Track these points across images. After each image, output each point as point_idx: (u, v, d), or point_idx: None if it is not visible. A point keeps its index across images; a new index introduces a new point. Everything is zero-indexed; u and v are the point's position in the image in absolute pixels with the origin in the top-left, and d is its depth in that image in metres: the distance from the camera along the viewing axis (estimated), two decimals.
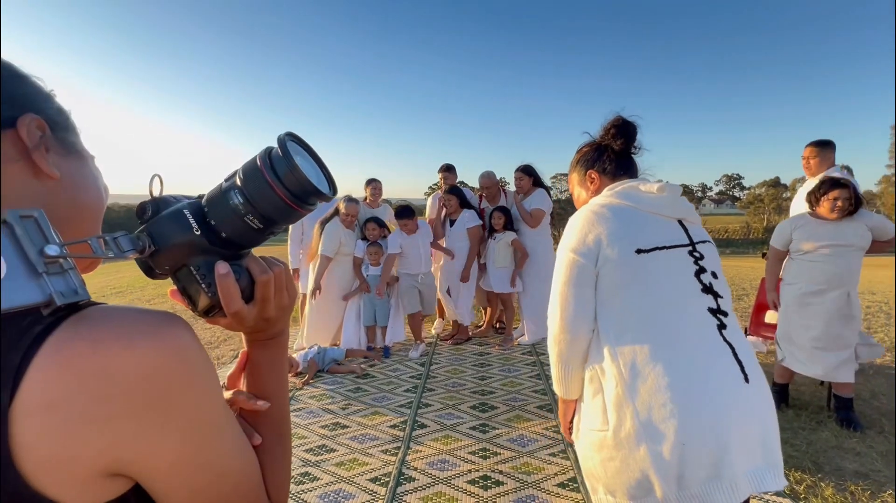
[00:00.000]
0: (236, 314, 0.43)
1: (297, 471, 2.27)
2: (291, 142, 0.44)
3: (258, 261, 0.45)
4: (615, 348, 1.04)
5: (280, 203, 0.42)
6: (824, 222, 2.54)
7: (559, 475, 2.15)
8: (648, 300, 1.05)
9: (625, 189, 1.18)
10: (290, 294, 0.48)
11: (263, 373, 0.50)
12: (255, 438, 0.48)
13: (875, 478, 2.07)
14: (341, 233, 3.81)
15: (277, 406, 0.51)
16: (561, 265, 1.15)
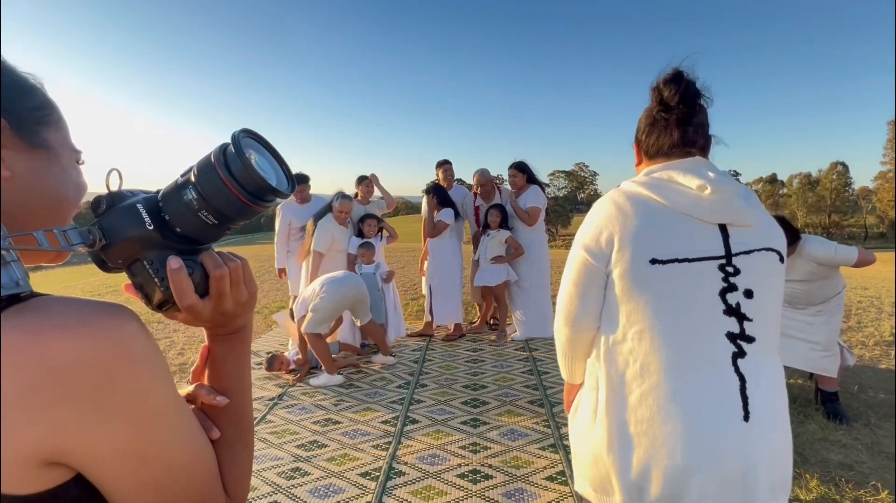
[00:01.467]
0: (190, 308, 0.43)
1: (287, 466, 2.28)
2: (247, 138, 0.44)
3: (213, 256, 0.45)
4: (612, 353, 1.00)
5: (234, 200, 0.42)
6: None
7: (548, 468, 2.17)
8: (655, 315, 0.95)
9: (659, 178, 1.00)
10: (249, 289, 0.48)
11: (224, 368, 0.51)
12: (213, 432, 0.48)
13: (859, 470, 2.09)
14: (334, 229, 3.82)
15: (237, 401, 0.51)
16: (571, 260, 1.06)
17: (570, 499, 1.93)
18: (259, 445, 2.49)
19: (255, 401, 3.07)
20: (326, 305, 3.29)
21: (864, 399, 2.80)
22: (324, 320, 3.33)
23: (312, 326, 3.27)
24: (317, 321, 3.27)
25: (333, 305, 3.33)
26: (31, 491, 0.34)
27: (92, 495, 0.38)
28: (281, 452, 2.41)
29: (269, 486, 2.11)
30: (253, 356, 3.98)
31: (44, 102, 0.45)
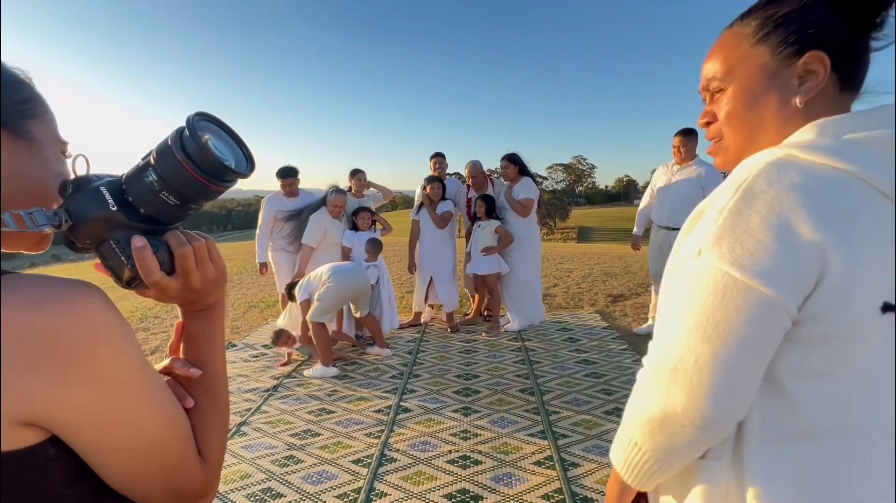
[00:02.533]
0: (156, 284, 0.46)
1: (281, 454, 2.33)
2: (203, 121, 0.46)
3: (178, 235, 0.48)
4: (767, 468, 0.56)
5: (192, 180, 0.44)
6: None
7: (536, 454, 2.22)
8: (860, 405, 0.54)
9: (868, 143, 0.52)
10: (217, 267, 0.51)
11: (197, 342, 0.54)
12: (187, 401, 0.51)
13: None
14: (326, 223, 3.84)
15: (210, 372, 0.54)
16: (719, 297, 0.52)
17: (557, 482, 1.98)
18: (253, 435, 2.53)
19: (251, 393, 3.11)
20: (332, 295, 3.32)
21: None
22: (329, 310, 3.37)
23: (318, 315, 3.31)
24: (322, 310, 3.31)
25: (339, 295, 3.37)
26: (9, 448, 0.37)
27: (68, 454, 0.41)
28: (275, 441, 2.46)
29: (263, 474, 2.16)
30: (248, 349, 4.03)
31: (30, 96, 0.48)
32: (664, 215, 3.70)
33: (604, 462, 2.12)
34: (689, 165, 3.61)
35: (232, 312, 5.46)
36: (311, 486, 2.05)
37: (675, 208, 3.63)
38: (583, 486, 1.95)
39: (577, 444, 2.28)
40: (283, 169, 4.10)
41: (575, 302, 5.12)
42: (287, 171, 4.08)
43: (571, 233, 49.12)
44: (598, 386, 2.96)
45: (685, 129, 3.63)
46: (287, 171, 4.08)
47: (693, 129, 3.62)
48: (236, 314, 5.37)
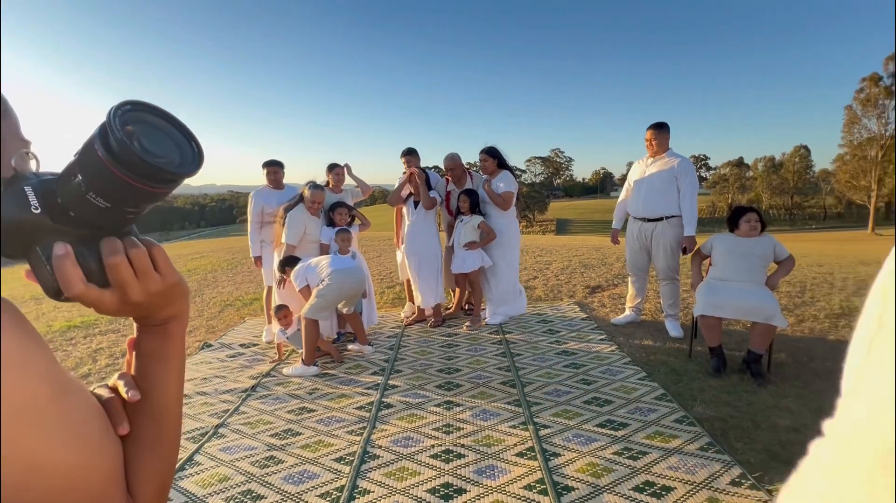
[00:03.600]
0: (80, 298, 0.41)
1: (261, 455, 2.29)
2: (134, 111, 0.39)
3: (112, 242, 0.42)
4: None
5: (121, 182, 0.38)
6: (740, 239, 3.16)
7: (518, 445, 2.25)
8: None
9: None
10: (165, 279, 0.45)
11: (146, 362, 0.48)
12: (121, 427, 0.45)
13: (804, 432, 2.24)
14: (306, 219, 3.77)
15: (158, 397, 0.47)
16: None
17: (539, 472, 2.01)
18: (232, 436, 2.48)
19: (228, 394, 3.05)
20: (332, 293, 3.29)
21: (813, 368, 2.99)
22: (326, 307, 3.34)
23: (314, 312, 3.27)
24: (320, 307, 3.27)
25: (339, 294, 3.34)
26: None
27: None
28: (254, 442, 2.41)
29: (243, 476, 2.12)
30: (225, 348, 3.94)
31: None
32: (639, 207, 3.78)
33: (584, 451, 2.16)
34: (661, 157, 3.68)
35: (207, 311, 5.33)
36: (292, 487, 2.02)
37: (649, 200, 3.71)
38: (564, 475, 1.98)
39: (558, 434, 2.32)
40: (266, 161, 4.14)
41: (554, 294, 5.19)
42: (271, 163, 4.11)
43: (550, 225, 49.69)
44: (577, 376, 3.01)
45: (657, 123, 3.70)
46: (271, 163, 4.11)
47: (663, 123, 3.70)
48: (212, 313, 5.24)
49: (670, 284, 3.74)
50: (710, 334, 3.04)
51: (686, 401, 2.60)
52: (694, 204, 3.59)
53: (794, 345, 3.37)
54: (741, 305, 2.90)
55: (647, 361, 3.20)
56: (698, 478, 1.92)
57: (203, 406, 2.89)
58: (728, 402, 2.56)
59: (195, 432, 2.55)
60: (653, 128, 3.70)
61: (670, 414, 2.46)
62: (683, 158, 3.65)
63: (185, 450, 2.37)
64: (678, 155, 3.66)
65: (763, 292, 2.92)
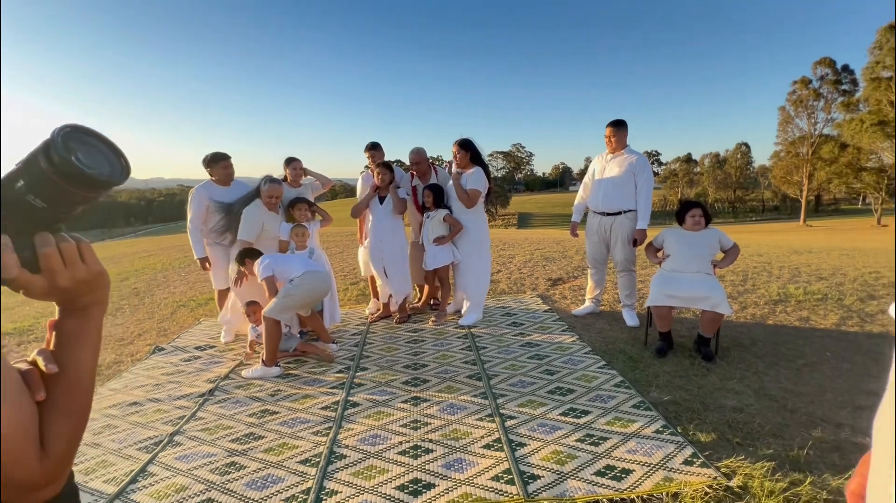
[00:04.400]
0: (14, 281, 0.49)
1: (221, 462, 2.20)
2: (72, 132, 0.49)
3: (44, 236, 0.50)
4: None
5: (60, 188, 0.48)
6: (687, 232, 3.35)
7: (485, 437, 2.28)
8: None
9: None
10: (90, 268, 0.54)
11: (65, 340, 0.56)
12: (38, 394, 0.52)
13: (748, 412, 2.42)
14: (263, 216, 3.63)
15: (74, 372, 0.56)
16: None
17: (506, 462, 2.05)
18: (189, 444, 2.37)
19: (184, 399, 2.90)
20: (301, 294, 3.19)
21: (755, 351, 3.22)
22: (292, 308, 3.23)
23: (278, 311, 3.14)
24: (284, 307, 3.16)
25: (307, 296, 3.25)
26: None
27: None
28: (214, 448, 2.32)
29: (202, 484, 2.03)
30: (179, 352, 3.75)
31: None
32: (599, 202, 3.90)
33: (548, 439, 2.22)
34: (620, 154, 3.81)
35: (158, 313, 5.04)
36: (255, 492, 1.96)
37: (608, 195, 3.83)
38: (530, 465, 2.04)
39: (524, 424, 2.37)
40: (213, 154, 3.76)
41: (518, 286, 5.29)
42: (217, 155, 3.75)
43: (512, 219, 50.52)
44: (541, 367, 3.09)
45: (616, 121, 3.82)
46: (217, 155, 3.75)
47: (622, 121, 3.82)
48: (163, 315, 4.97)
49: (627, 276, 3.89)
50: (661, 322, 3.21)
51: (642, 386, 2.73)
52: (649, 199, 3.74)
53: (738, 331, 3.62)
54: (690, 295, 3.08)
55: (606, 350, 3.33)
56: (654, 460, 2.02)
57: (156, 413, 2.74)
58: (680, 386, 2.72)
59: (148, 442, 2.42)
60: (612, 125, 3.80)
61: (628, 400, 2.57)
62: (640, 155, 3.79)
63: (137, 460, 2.24)
64: (635, 152, 3.80)
65: (711, 282, 3.11)
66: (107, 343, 4.10)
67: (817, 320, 3.79)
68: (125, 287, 6.45)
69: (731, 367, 2.95)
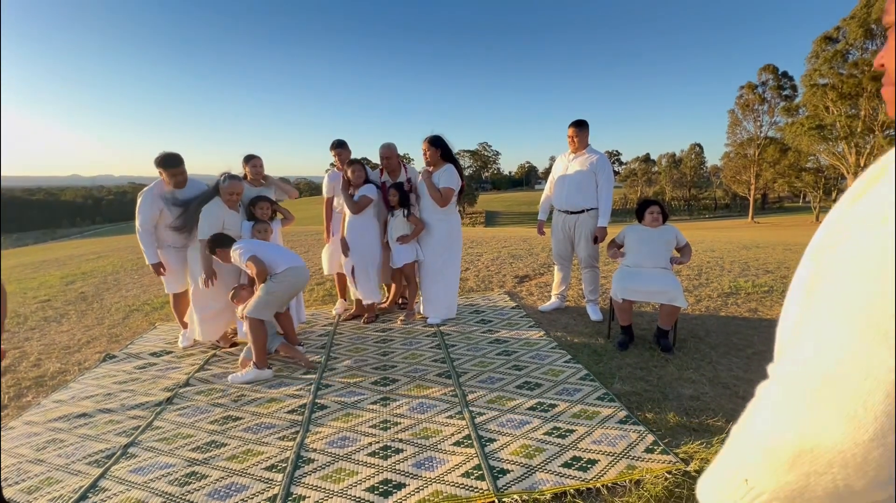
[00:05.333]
0: None
1: (181, 472, 2.10)
2: None
3: None
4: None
5: None
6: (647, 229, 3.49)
7: (455, 434, 2.29)
8: None
9: None
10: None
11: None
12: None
13: (703, 399, 2.55)
14: (224, 214, 3.48)
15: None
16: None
17: (476, 458, 2.07)
18: (145, 455, 2.25)
19: (138, 409, 2.76)
20: (284, 291, 3.09)
21: (709, 341, 3.39)
22: (274, 305, 3.12)
23: (261, 310, 3.02)
24: (267, 304, 3.05)
25: (290, 292, 3.16)
26: None
27: None
28: (172, 459, 2.21)
29: (160, 497, 1.93)
30: (132, 359, 3.55)
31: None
32: (563, 200, 3.99)
33: (517, 434, 2.26)
34: (582, 154, 3.91)
35: (108, 318, 4.75)
36: (218, 502, 1.88)
37: (571, 193, 3.93)
38: (499, 460, 2.06)
39: (493, 420, 2.40)
40: (166, 156, 3.46)
41: (485, 284, 5.34)
42: (172, 159, 3.48)
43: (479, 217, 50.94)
44: (509, 363, 3.14)
45: (577, 121, 3.92)
46: (172, 159, 3.48)
47: (584, 121, 3.93)
48: (115, 320, 4.69)
49: (591, 272, 4.01)
50: (622, 315, 3.33)
51: (606, 379, 2.83)
52: (609, 198, 3.86)
53: (693, 323, 3.80)
54: (649, 289, 3.21)
55: (571, 345, 3.42)
56: (618, 449, 2.09)
57: (108, 425, 2.59)
58: (641, 377, 2.83)
59: (99, 455, 2.28)
60: (574, 125, 3.90)
61: (593, 392, 2.65)
62: (601, 155, 3.90)
63: (87, 475, 2.10)
64: (596, 151, 3.91)
65: (668, 277, 3.25)
66: (50, 351, 3.83)
67: (764, 311, 4.04)
68: (71, 291, 6.04)
69: (688, 358, 3.10)
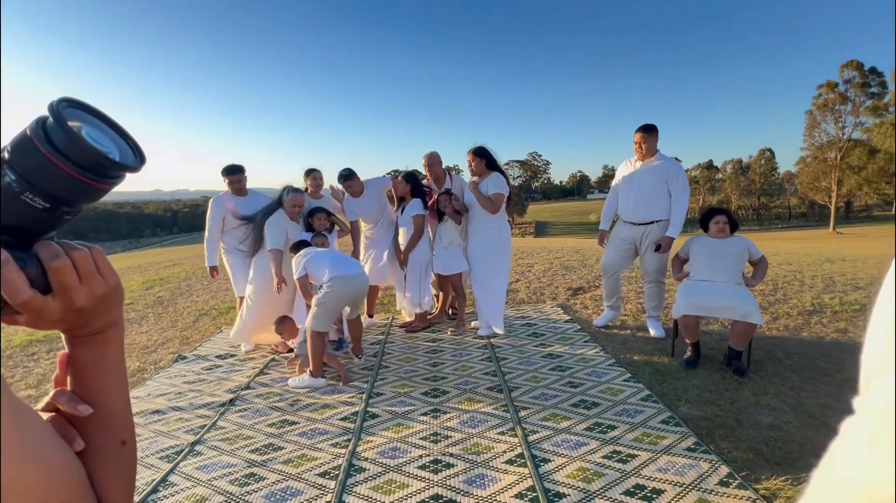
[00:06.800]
0: (27, 306, 0.38)
1: (241, 472, 2.18)
2: (70, 108, 0.38)
3: (50, 245, 0.39)
4: None
5: (65, 177, 0.37)
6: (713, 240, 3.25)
7: (507, 452, 2.21)
8: None
9: None
10: (107, 281, 0.43)
11: (86, 373, 0.45)
12: (76, 443, 0.43)
13: (786, 429, 2.29)
14: (287, 225, 3.66)
15: (107, 408, 0.46)
16: None
17: (529, 479, 1.98)
18: (209, 454, 2.37)
19: (205, 408, 2.92)
20: (332, 301, 3.16)
21: (790, 364, 3.07)
22: (329, 315, 3.21)
23: (318, 323, 3.15)
24: (322, 317, 3.15)
25: (339, 301, 3.21)
26: None
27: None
28: (233, 459, 2.31)
29: (222, 496, 2.02)
30: (201, 360, 3.78)
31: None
32: (629, 211, 3.72)
33: (573, 455, 2.14)
34: (651, 161, 3.64)
35: (181, 321, 5.12)
36: None
37: (640, 204, 3.65)
38: (555, 482, 1.96)
39: (547, 440, 2.30)
40: (228, 166, 3.88)
41: (537, 296, 5.20)
42: (233, 168, 3.86)
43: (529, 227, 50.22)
44: (563, 379, 3.01)
45: (645, 126, 3.65)
46: (233, 168, 3.86)
47: (653, 125, 3.66)
48: (186, 323, 5.04)
49: (656, 287, 3.73)
50: (688, 332, 3.10)
51: (671, 401, 2.63)
52: (684, 208, 3.54)
53: (770, 343, 3.46)
54: (719, 304, 2.96)
55: (631, 362, 3.23)
56: (687, 480, 1.92)
57: (178, 422, 2.76)
58: (711, 401, 2.60)
59: (170, 450, 2.43)
60: (641, 130, 3.63)
61: (657, 415, 2.47)
62: (674, 161, 3.62)
63: (158, 470, 2.24)
64: (668, 158, 3.63)
65: (740, 290, 2.99)
66: (131, 351, 4.18)
67: (857, 332, 3.61)
68: (150, 296, 6.59)
69: (766, 382, 2.81)
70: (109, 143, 0.40)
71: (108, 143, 0.39)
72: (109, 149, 0.39)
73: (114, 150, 0.39)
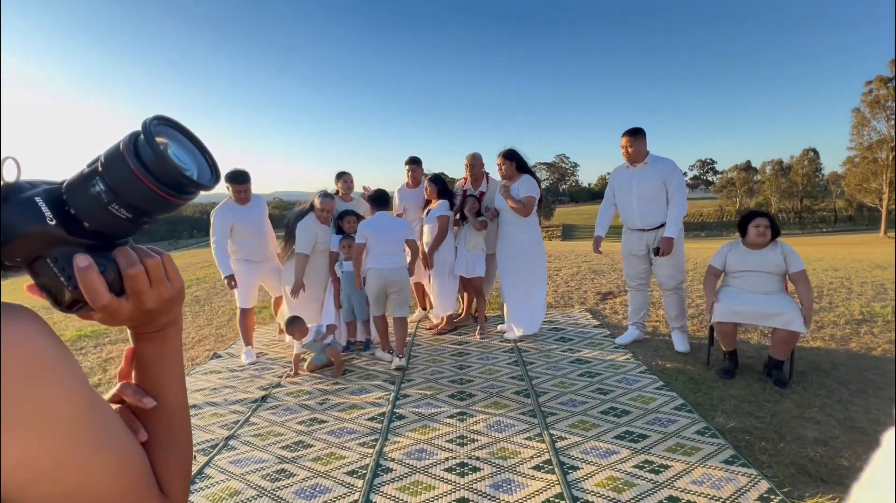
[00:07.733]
0: (105, 308, 0.41)
1: (272, 468, 2.24)
2: (161, 125, 0.41)
3: (127, 252, 0.43)
4: None
5: (148, 192, 0.40)
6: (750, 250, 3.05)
7: (535, 458, 2.19)
8: None
9: None
10: (174, 285, 0.47)
11: (152, 368, 0.49)
12: (140, 434, 0.46)
13: (833, 445, 2.16)
14: (317, 228, 3.75)
15: (168, 401, 0.49)
16: None
17: (557, 486, 1.95)
18: (242, 448, 2.45)
19: (238, 404, 3.02)
20: (369, 290, 3.57)
21: (837, 376, 2.90)
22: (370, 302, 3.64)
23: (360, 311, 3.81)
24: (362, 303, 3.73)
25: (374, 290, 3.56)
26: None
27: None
28: (265, 454, 2.37)
29: (254, 490, 2.08)
30: (234, 358, 3.91)
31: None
32: (635, 218, 3.57)
33: (603, 464, 2.09)
34: (644, 164, 3.49)
35: (216, 320, 5.32)
36: (304, 501, 1.97)
37: (643, 210, 3.51)
38: (583, 490, 1.92)
39: (576, 447, 2.25)
40: (235, 174, 3.64)
41: (565, 300, 5.12)
42: (241, 177, 3.64)
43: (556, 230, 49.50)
44: (592, 385, 2.94)
45: (631, 129, 3.51)
46: (241, 177, 3.64)
47: (640, 129, 3.51)
48: (221, 321, 5.23)
49: (675, 295, 3.51)
50: (725, 340, 2.97)
51: (706, 411, 2.53)
52: (682, 206, 3.39)
53: (814, 353, 3.29)
54: (760, 311, 2.83)
55: (663, 370, 3.13)
56: (724, 494, 1.85)
57: (213, 417, 2.86)
58: (750, 412, 2.49)
59: (205, 444, 2.52)
60: (628, 134, 3.49)
61: (691, 425, 2.39)
62: (667, 160, 3.48)
63: (195, 462, 2.33)
64: (661, 157, 3.49)
65: (782, 297, 2.85)
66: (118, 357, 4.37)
67: None
68: (188, 295, 6.88)
69: (809, 394, 2.67)
70: (190, 160, 0.43)
71: (189, 160, 0.43)
72: (189, 166, 0.42)
73: (193, 167, 0.42)
